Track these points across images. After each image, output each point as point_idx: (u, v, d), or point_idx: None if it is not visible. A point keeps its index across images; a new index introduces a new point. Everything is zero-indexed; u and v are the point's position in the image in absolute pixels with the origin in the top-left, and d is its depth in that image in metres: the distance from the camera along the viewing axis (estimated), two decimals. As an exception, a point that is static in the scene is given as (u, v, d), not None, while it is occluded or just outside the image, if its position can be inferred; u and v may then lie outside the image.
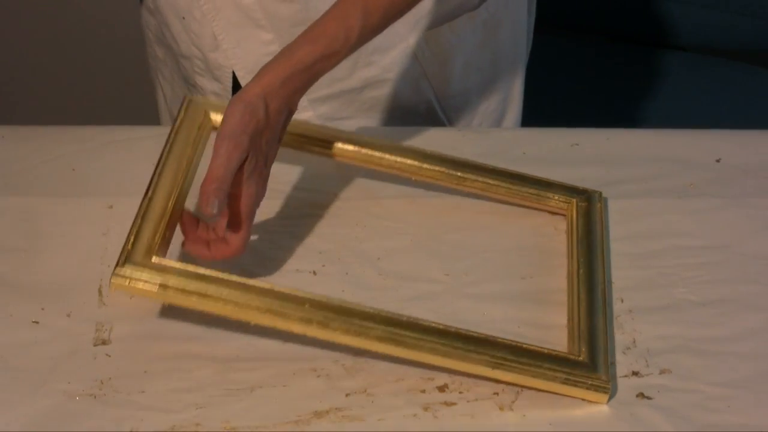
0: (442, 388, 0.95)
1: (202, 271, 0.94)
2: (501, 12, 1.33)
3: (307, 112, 1.30)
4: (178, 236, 1.00)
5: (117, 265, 0.93)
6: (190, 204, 1.02)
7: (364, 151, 1.13)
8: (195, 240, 1.00)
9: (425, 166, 1.14)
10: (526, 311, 1.03)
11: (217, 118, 1.07)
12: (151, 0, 1.35)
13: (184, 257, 1.02)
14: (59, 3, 2.09)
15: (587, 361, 0.95)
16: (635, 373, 0.98)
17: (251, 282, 0.94)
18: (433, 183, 1.15)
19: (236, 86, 1.30)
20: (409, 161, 1.14)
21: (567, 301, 1.04)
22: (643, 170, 1.22)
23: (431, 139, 1.23)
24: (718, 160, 1.24)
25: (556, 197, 1.14)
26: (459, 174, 1.14)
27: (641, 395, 0.96)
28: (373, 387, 0.95)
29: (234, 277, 0.94)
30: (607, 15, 2.13)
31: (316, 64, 1.00)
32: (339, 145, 1.13)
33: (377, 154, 1.14)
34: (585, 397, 0.94)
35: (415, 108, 1.33)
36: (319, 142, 1.13)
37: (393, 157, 1.13)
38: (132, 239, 0.95)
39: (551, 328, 1.01)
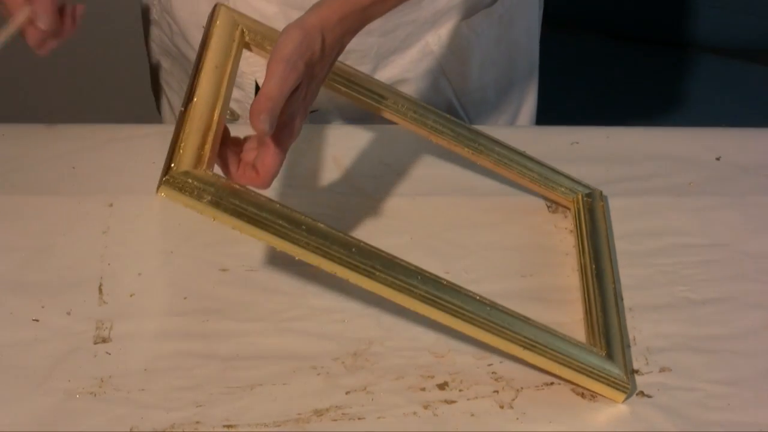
0: (442, 386, 0.95)
1: (253, 193, 0.90)
2: (515, 6, 1.34)
3: (330, 113, 1.29)
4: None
5: (168, 169, 0.88)
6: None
7: (384, 102, 1.12)
8: (222, 154, 0.97)
9: (444, 129, 1.13)
10: (527, 309, 1.02)
11: (250, 34, 1.04)
12: (158, 12, 1.35)
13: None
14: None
15: (608, 357, 0.96)
16: (635, 371, 0.98)
17: (303, 217, 0.90)
18: (448, 148, 1.14)
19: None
20: (429, 121, 1.13)
21: (581, 295, 1.04)
22: (643, 168, 1.22)
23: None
24: (718, 159, 1.24)
25: (563, 188, 1.14)
26: (474, 144, 1.14)
27: (641, 393, 0.96)
28: (373, 385, 0.95)
29: (286, 209, 0.90)
30: (607, 12, 2.13)
31: (371, 7, 0.98)
32: (361, 88, 1.12)
33: (399, 104, 1.13)
34: (603, 392, 0.95)
35: (435, 106, 1.32)
36: (343, 81, 1.11)
37: (413, 113, 1.13)
38: (181, 146, 0.90)
39: (553, 327, 1.01)
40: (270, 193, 1.02)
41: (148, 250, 1.08)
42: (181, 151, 0.89)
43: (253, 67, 1.28)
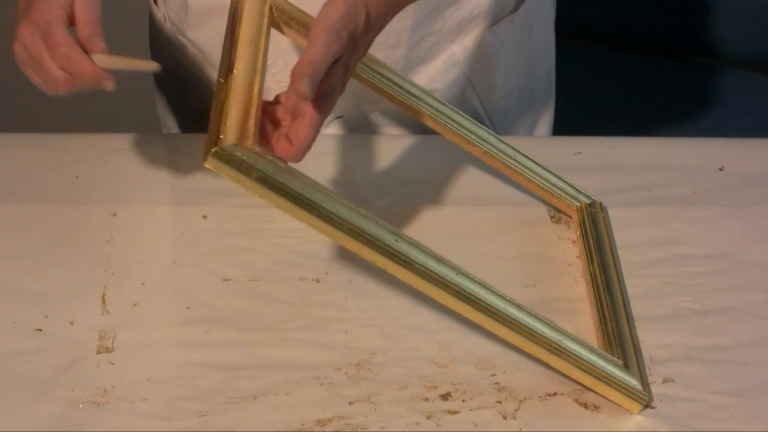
0: (444, 397, 0.95)
1: (299, 173, 0.88)
2: (535, 12, 1.34)
3: (356, 121, 1.30)
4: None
5: (217, 140, 0.85)
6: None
7: (397, 90, 1.12)
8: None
9: (458, 126, 1.13)
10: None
11: (278, 12, 1.02)
12: (162, 34, 1.35)
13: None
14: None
15: (625, 367, 0.96)
16: (638, 382, 0.98)
17: (348, 203, 0.89)
18: (459, 144, 1.14)
19: None
20: (443, 120, 1.13)
21: (593, 305, 1.04)
22: (646, 178, 1.22)
23: (430, 144, 1.23)
24: (721, 169, 1.24)
25: (567, 195, 1.15)
26: (486, 144, 1.14)
27: (648, 405, 0.96)
28: (376, 395, 0.95)
29: (332, 193, 0.88)
30: (611, 23, 2.13)
31: None
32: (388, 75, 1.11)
33: (416, 98, 1.13)
34: (620, 402, 0.95)
35: None
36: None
37: (428, 105, 1.13)
38: (227, 118, 0.87)
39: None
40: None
41: (151, 260, 1.08)
42: (227, 123, 0.86)
43: (281, 83, 1.28)
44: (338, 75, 0.93)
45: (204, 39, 1.31)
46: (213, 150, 0.84)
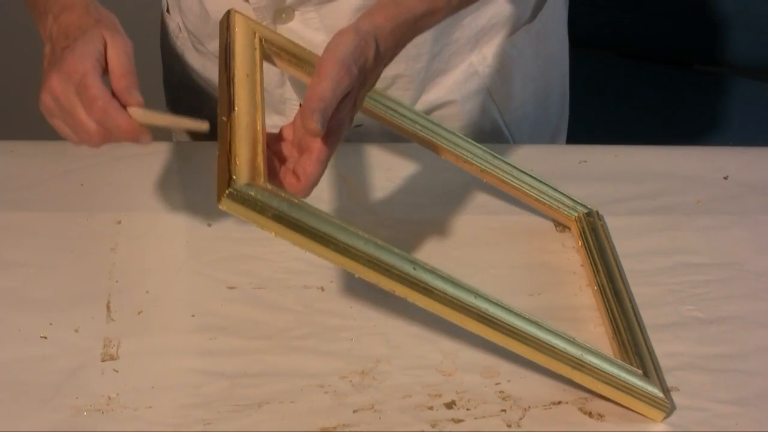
0: (449, 405, 0.95)
1: (313, 207, 0.87)
2: (550, 20, 1.34)
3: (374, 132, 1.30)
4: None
5: (229, 181, 0.84)
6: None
7: (390, 113, 1.11)
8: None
9: (453, 144, 1.13)
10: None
11: (267, 43, 1.02)
12: (175, 43, 1.35)
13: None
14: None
15: (645, 376, 0.96)
16: (643, 391, 0.98)
17: (363, 234, 0.88)
18: (456, 164, 1.14)
19: None
20: (439, 137, 1.13)
21: (603, 314, 1.04)
22: (651, 187, 1.22)
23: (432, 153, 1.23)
24: (725, 177, 1.24)
25: (565, 206, 1.15)
26: (482, 161, 1.14)
27: (649, 413, 0.96)
28: (381, 403, 0.95)
29: (347, 225, 0.88)
30: (616, 31, 2.13)
31: (422, 18, 0.96)
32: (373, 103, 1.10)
33: (407, 118, 1.12)
34: (644, 412, 0.95)
35: (480, 126, 1.33)
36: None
37: (422, 126, 1.13)
38: (235, 158, 0.86)
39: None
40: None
41: (156, 268, 1.08)
42: (237, 162, 0.86)
43: (298, 92, 1.28)
44: (347, 109, 0.92)
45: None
46: (227, 191, 0.84)
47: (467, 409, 0.95)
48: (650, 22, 2.09)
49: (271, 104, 1.29)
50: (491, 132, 1.34)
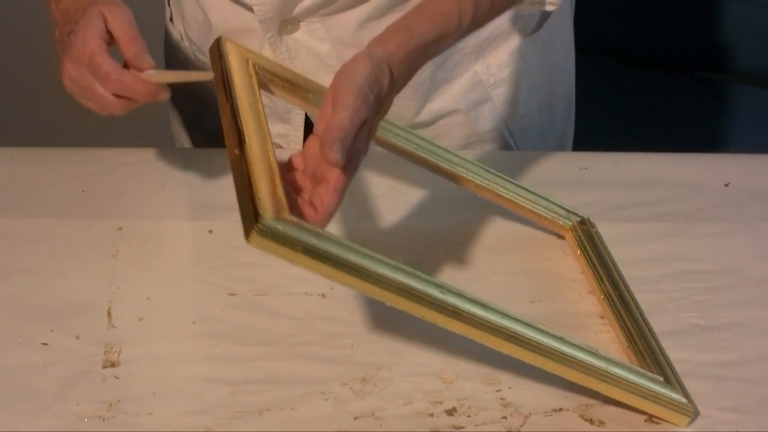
0: (450, 412, 0.95)
1: (338, 237, 0.86)
2: (556, 29, 1.34)
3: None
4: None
5: (256, 217, 0.83)
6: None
7: (383, 132, 1.11)
8: None
9: (446, 161, 1.13)
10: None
11: (260, 70, 1.02)
12: (178, 51, 1.35)
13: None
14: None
15: (667, 382, 0.96)
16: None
17: (391, 261, 0.88)
18: (453, 181, 1.14)
19: (308, 125, 1.31)
20: (430, 156, 1.13)
21: (613, 323, 1.04)
22: (652, 194, 1.22)
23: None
24: (726, 185, 1.24)
25: (559, 216, 1.14)
26: (476, 177, 1.14)
27: (649, 420, 0.95)
28: (382, 410, 0.95)
29: (373, 253, 0.87)
30: (616, 38, 2.13)
31: (433, 44, 0.95)
32: None
33: (401, 137, 1.12)
34: (669, 418, 0.95)
35: (484, 134, 1.33)
36: None
37: (417, 145, 1.13)
38: (258, 192, 0.85)
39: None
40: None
41: (157, 274, 1.08)
42: (260, 197, 0.85)
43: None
44: (363, 138, 0.91)
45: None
46: (256, 227, 0.83)
47: (468, 416, 0.95)
48: (651, 30, 2.10)
49: (275, 113, 1.30)
50: (495, 140, 1.34)
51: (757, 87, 2.11)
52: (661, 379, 0.96)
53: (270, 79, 1.04)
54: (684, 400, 0.95)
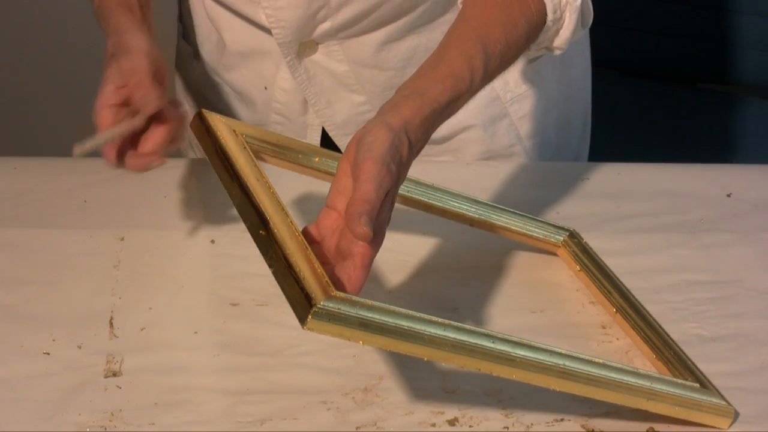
0: (452, 422, 0.95)
1: (385, 305, 0.84)
2: (574, 46, 1.34)
3: None
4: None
5: (309, 300, 0.81)
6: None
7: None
8: None
9: (436, 198, 1.12)
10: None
11: (248, 138, 1.00)
12: (189, 69, 1.36)
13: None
14: (73, 34, 2.10)
15: (703, 387, 0.96)
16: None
17: (438, 320, 0.86)
18: (444, 217, 1.13)
19: (324, 137, 1.31)
20: (422, 196, 1.11)
21: (634, 336, 1.04)
22: (654, 205, 1.22)
23: (448, 171, 1.23)
24: (728, 195, 1.24)
25: (549, 234, 1.14)
26: (467, 211, 1.12)
27: (651, 429, 0.95)
28: (383, 420, 0.95)
29: (419, 315, 0.85)
30: (620, 49, 2.13)
31: (447, 106, 0.94)
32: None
33: None
34: (711, 423, 0.95)
35: (501, 150, 1.33)
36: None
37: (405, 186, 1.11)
38: (300, 273, 0.83)
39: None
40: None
41: (158, 284, 1.08)
42: (304, 278, 0.82)
43: (321, 118, 1.29)
44: (387, 209, 0.89)
45: (241, 80, 1.31)
46: (312, 311, 0.81)
47: (470, 426, 0.95)
48: (654, 41, 2.10)
49: (292, 131, 1.30)
50: (510, 155, 1.34)
51: (762, 98, 2.11)
52: (697, 385, 0.96)
53: (259, 147, 1.01)
54: (724, 402, 0.95)
